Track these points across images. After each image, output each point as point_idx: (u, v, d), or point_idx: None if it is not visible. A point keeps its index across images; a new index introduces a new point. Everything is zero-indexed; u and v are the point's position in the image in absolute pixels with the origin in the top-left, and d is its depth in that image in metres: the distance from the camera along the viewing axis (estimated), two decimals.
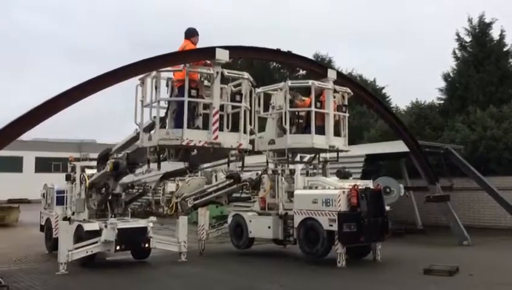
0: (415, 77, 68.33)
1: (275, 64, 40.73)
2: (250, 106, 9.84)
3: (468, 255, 14.05)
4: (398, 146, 18.29)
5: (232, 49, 9.48)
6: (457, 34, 27.78)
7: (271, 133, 11.44)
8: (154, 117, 9.15)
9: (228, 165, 11.29)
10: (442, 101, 28.17)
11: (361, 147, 20.84)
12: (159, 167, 9.90)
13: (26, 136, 50.00)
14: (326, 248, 12.05)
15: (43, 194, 16.04)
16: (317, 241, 12.09)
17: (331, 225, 11.71)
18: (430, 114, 26.06)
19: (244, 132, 9.43)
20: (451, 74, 27.83)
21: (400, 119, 15.96)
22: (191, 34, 10.19)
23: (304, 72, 30.65)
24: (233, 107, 9.63)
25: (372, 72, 73.30)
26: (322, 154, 14.75)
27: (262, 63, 37.73)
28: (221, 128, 9.19)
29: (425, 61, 71.02)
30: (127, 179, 12.76)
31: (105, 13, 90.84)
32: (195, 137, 8.72)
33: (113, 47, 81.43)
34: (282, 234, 13.40)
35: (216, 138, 8.80)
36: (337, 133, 11.31)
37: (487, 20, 26.94)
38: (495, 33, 26.88)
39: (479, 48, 26.74)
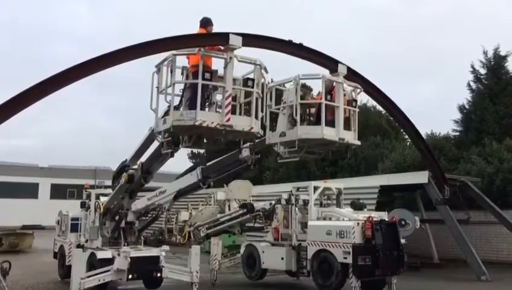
0: (429, 108, 68.13)
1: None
2: (262, 93, 9.95)
3: None
4: (414, 177, 18.15)
5: (246, 36, 9.69)
6: (472, 67, 27.84)
7: (282, 128, 11.58)
8: (169, 105, 9.23)
9: (242, 168, 11.18)
10: (457, 133, 28.00)
11: (375, 178, 20.68)
12: (172, 155, 9.90)
13: (43, 162, 49.70)
14: (341, 281, 11.85)
15: (58, 221, 16.12)
16: (331, 274, 11.90)
17: (345, 258, 11.55)
18: (445, 145, 25.84)
19: (256, 117, 9.53)
20: (466, 106, 27.73)
21: (411, 122, 15.76)
22: (206, 23, 10.17)
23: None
24: (246, 96, 9.73)
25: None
26: (336, 185, 14.72)
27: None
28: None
29: (440, 92, 70.91)
30: (140, 204, 12.79)
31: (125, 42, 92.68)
32: (208, 118, 8.88)
33: (131, 75, 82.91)
34: (295, 265, 13.23)
35: (228, 120, 8.92)
36: (347, 128, 11.38)
37: (502, 53, 27.01)
38: (510, 66, 26.92)
39: (494, 80, 26.70)
